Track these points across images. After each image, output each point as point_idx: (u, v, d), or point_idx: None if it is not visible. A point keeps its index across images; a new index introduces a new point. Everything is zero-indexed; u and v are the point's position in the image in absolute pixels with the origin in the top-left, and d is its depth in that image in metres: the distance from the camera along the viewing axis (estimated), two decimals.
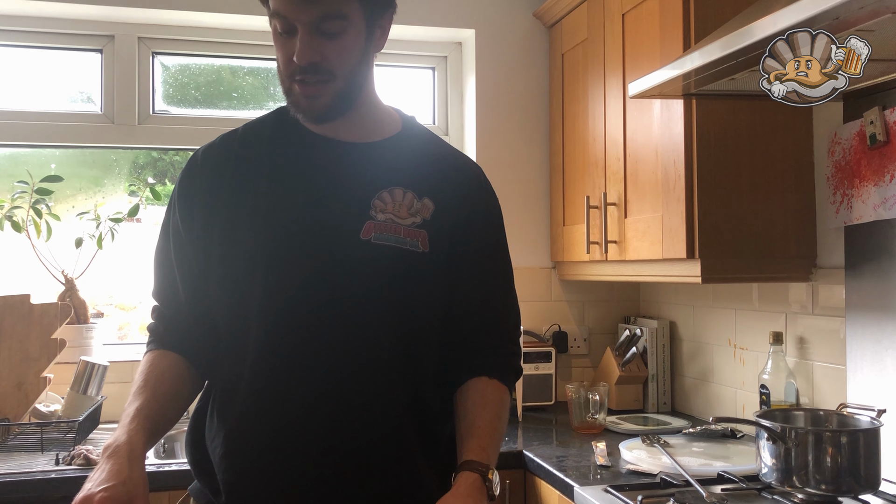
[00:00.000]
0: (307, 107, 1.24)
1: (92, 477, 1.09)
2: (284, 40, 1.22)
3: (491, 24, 2.83)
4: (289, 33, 1.21)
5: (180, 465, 1.94)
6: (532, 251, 2.82)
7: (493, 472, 1.21)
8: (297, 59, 1.19)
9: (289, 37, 1.21)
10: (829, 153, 1.89)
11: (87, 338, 2.50)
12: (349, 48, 1.22)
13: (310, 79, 1.21)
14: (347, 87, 1.25)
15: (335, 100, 1.24)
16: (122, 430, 1.15)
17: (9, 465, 1.94)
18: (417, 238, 1.27)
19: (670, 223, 1.98)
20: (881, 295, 1.74)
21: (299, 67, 1.20)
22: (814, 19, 1.24)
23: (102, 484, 1.06)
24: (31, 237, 2.51)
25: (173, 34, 2.71)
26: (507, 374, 1.37)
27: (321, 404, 1.22)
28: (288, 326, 1.23)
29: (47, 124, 2.62)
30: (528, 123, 2.85)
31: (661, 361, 2.61)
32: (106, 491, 1.05)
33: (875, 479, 1.52)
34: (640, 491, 1.65)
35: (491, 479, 1.20)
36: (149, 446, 1.18)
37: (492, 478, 1.20)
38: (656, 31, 2.06)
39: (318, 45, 1.20)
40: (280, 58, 1.24)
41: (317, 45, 1.20)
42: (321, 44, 1.20)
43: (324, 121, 1.27)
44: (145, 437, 1.16)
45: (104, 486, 1.05)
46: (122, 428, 1.15)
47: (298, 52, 1.19)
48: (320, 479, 1.23)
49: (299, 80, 1.22)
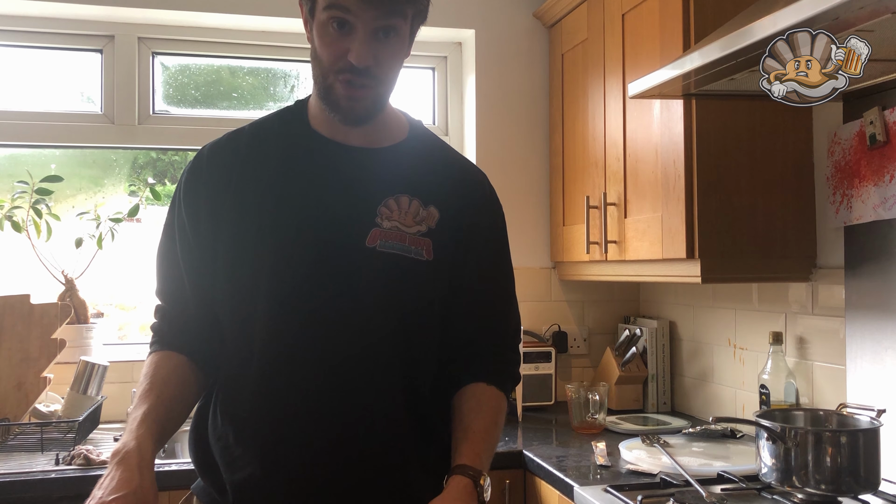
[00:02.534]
0: (348, 108, 1.22)
1: (101, 484, 1.08)
2: (336, 36, 1.18)
3: (491, 24, 2.83)
4: (343, 29, 1.17)
5: (181, 466, 1.94)
6: (532, 251, 2.82)
7: (485, 477, 1.21)
8: (356, 61, 1.17)
9: (342, 33, 1.18)
10: (829, 153, 1.89)
11: (87, 338, 2.50)
12: (398, 55, 1.23)
13: (357, 81, 1.19)
14: (386, 93, 1.25)
15: (374, 104, 1.24)
16: (130, 436, 1.14)
17: (9, 465, 1.94)
18: (422, 247, 1.27)
19: (670, 223, 1.98)
20: (881, 295, 1.74)
21: (353, 68, 1.18)
22: (814, 19, 1.24)
23: (113, 493, 1.05)
24: (31, 237, 2.51)
25: (173, 34, 2.71)
26: (505, 381, 1.37)
27: (324, 407, 1.23)
28: (292, 330, 1.23)
29: (47, 124, 2.62)
30: (528, 123, 2.85)
31: (661, 361, 2.61)
32: (116, 501, 1.04)
33: (875, 479, 1.52)
34: (639, 491, 1.65)
35: (482, 484, 1.20)
36: (157, 451, 1.17)
37: (483, 483, 1.20)
38: (656, 32, 2.06)
39: (375, 49, 1.18)
40: (327, 54, 1.20)
41: (374, 49, 1.18)
42: (377, 48, 1.18)
43: (361, 123, 1.26)
44: (153, 442, 1.16)
45: (115, 495, 1.05)
46: (129, 433, 1.15)
47: (357, 53, 1.17)
48: (323, 480, 1.23)
49: (346, 79, 1.19)
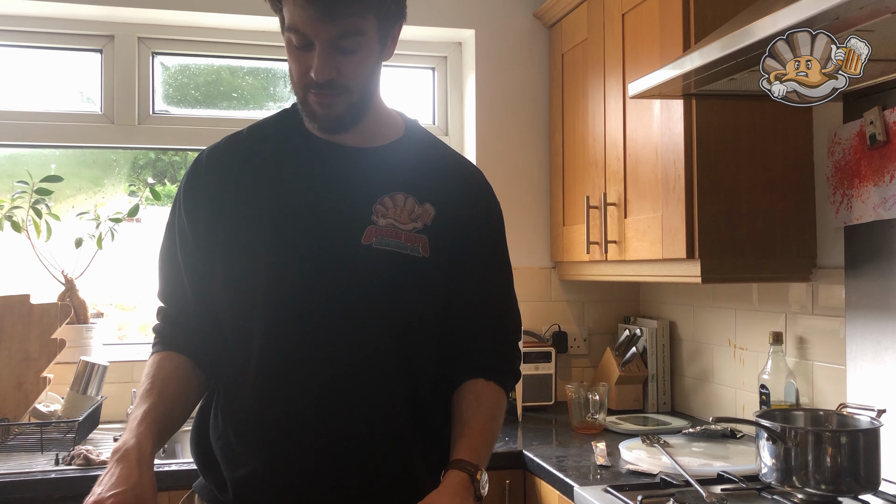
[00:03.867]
0: (324, 116, 1.25)
1: (101, 481, 1.09)
2: (299, 54, 1.21)
3: (491, 24, 2.83)
4: (304, 48, 1.20)
5: (181, 466, 1.94)
6: (532, 251, 2.82)
7: (483, 472, 1.21)
8: (316, 76, 1.19)
9: (304, 51, 1.21)
10: (829, 153, 1.89)
11: (86, 338, 2.50)
12: (365, 63, 1.23)
13: (325, 94, 1.22)
14: (361, 99, 1.26)
15: (349, 111, 1.25)
16: (130, 434, 1.15)
17: (9, 465, 1.95)
18: (418, 243, 1.28)
19: (670, 223, 1.98)
20: (881, 295, 1.74)
21: (315, 83, 1.21)
22: (814, 19, 1.24)
23: (112, 489, 1.06)
24: (31, 237, 2.51)
25: (173, 34, 2.70)
26: (505, 378, 1.37)
27: (325, 406, 1.24)
28: (290, 329, 1.24)
29: (47, 124, 2.62)
30: (528, 123, 2.85)
31: (661, 361, 2.61)
32: (115, 497, 1.05)
33: (875, 479, 1.52)
34: (639, 491, 1.65)
35: (479, 479, 1.20)
36: (157, 449, 1.18)
37: (479, 478, 1.20)
38: (656, 31, 2.06)
39: (334, 62, 1.20)
40: (295, 70, 1.24)
41: (334, 63, 1.20)
42: (338, 60, 1.20)
43: (338, 131, 1.27)
44: (153, 440, 1.16)
45: (113, 491, 1.06)
46: (130, 431, 1.16)
47: (316, 69, 1.19)
48: (325, 478, 1.24)
49: (315, 92, 1.22)
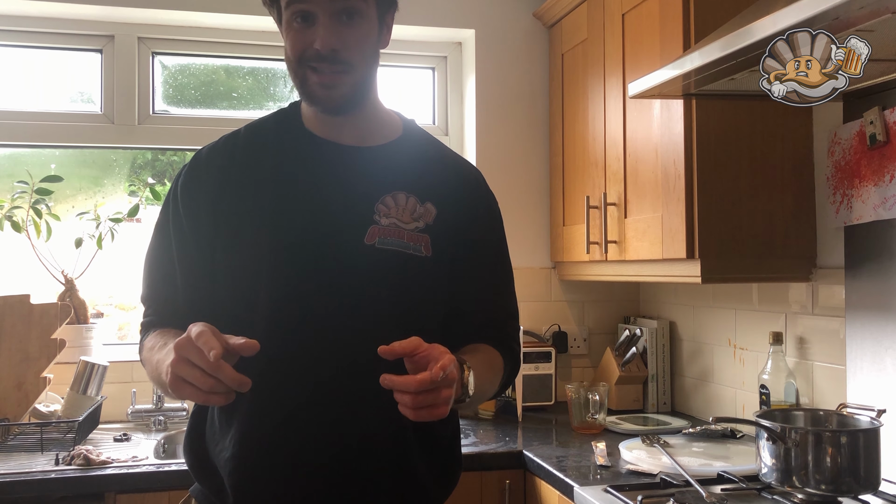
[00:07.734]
0: (325, 96, 1.25)
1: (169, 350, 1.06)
2: (300, 29, 1.23)
3: (491, 24, 2.83)
4: (307, 21, 1.22)
5: (180, 465, 1.94)
6: (532, 251, 2.82)
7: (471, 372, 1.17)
8: (320, 46, 1.21)
9: (306, 26, 1.22)
10: (829, 153, 1.89)
11: (86, 338, 2.50)
12: (366, 38, 1.25)
13: (327, 68, 1.23)
14: (363, 79, 1.26)
15: (352, 91, 1.25)
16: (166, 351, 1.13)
17: (9, 465, 1.94)
18: (420, 243, 1.28)
19: (670, 223, 1.98)
20: (881, 295, 1.74)
21: (318, 55, 1.21)
22: (814, 19, 1.24)
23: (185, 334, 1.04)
24: (31, 237, 2.51)
25: (173, 34, 2.70)
26: (507, 353, 1.38)
27: (326, 405, 1.23)
28: (292, 330, 1.24)
29: (47, 124, 2.62)
30: (527, 124, 2.84)
31: (661, 361, 2.61)
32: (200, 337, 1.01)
33: (875, 479, 1.52)
34: (639, 491, 1.65)
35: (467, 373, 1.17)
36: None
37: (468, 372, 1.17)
38: (656, 31, 2.06)
39: (338, 33, 1.22)
40: (293, 49, 1.24)
41: (338, 33, 1.22)
42: (341, 31, 1.22)
43: (341, 112, 1.28)
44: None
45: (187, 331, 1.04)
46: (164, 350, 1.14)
47: (321, 38, 1.21)
48: (324, 476, 1.24)
49: (315, 67, 1.23)
